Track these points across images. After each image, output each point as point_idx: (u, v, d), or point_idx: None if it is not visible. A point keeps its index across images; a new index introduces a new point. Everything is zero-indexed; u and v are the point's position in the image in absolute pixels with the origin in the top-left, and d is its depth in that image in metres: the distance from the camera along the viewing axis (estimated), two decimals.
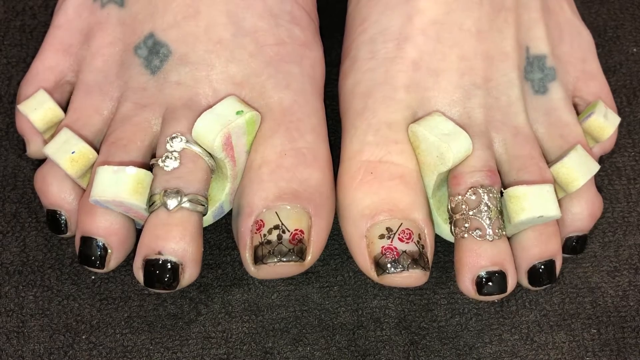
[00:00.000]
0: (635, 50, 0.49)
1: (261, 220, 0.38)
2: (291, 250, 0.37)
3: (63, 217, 0.40)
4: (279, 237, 0.37)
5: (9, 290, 0.41)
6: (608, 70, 0.48)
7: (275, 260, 0.37)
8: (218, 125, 0.38)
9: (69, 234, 0.41)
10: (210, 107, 0.39)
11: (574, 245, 0.41)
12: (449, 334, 0.41)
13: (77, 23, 0.43)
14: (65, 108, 0.42)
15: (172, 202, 0.37)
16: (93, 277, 0.41)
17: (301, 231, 0.38)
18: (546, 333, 0.41)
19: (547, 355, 0.40)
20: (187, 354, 0.40)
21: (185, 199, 0.37)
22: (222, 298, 0.41)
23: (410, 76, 0.40)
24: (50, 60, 0.42)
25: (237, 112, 0.38)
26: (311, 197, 0.38)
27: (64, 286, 0.41)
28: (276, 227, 0.37)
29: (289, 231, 0.37)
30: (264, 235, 0.37)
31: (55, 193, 0.40)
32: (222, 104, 0.39)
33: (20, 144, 0.45)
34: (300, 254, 0.38)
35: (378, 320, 0.41)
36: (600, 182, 0.45)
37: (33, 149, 0.42)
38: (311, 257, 0.38)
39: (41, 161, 0.43)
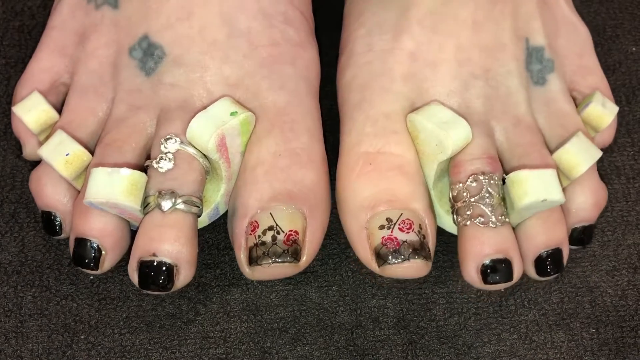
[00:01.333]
0: (634, 49, 0.49)
1: (256, 221, 0.38)
2: (286, 251, 0.37)
3: (58, 218, 0.40)
4: (274, 238, 0.37)
5: (7, 290, 0.41)
6: (607, 69, 0.48)
7: (270, 261, 0.37)
8: (212, 127, 0.38)
9: (63, 235, 0.41)
10: (204, 108, 0.39)
11: (580, 236, 0.41)
12: (447, 334, 0.41)
13: (72, 24, 0.43)
14: (60, 109, 0.42)
15: (166, 204, 0.37)
16: (91, 278, 0.41)
17: (296, 232, 0.38)
18: (545, 332, 0.41)
19: (546, 354, 0.40)
20: (185, 354, 0.40)
21: (179, 200, 0.37)
22: (220, 298, 0.41)
23: (408, 67, 0.40)
24: (46, 62, 0.42)
25: (232, 113, 0.38)
26: (306, 198, 0.38)
27: (62, 286, 0.41)
28: (270, 228, 0.37)
29: (283, 232, 0.37)
30: (259, 236, 0.37)
31: (50, 194, 0.40)
32: (216, 105, 0.39)
33: (18, 144, 0.45)
34: (295, 255, 0.37)
35: (377, 319, 0.41)
36: None
37: (29, 150, 0.42)
38: (306, 257, 0.38)
39: (39, 162, 0.43)
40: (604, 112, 0.41)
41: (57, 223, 0.40)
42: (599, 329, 0.41)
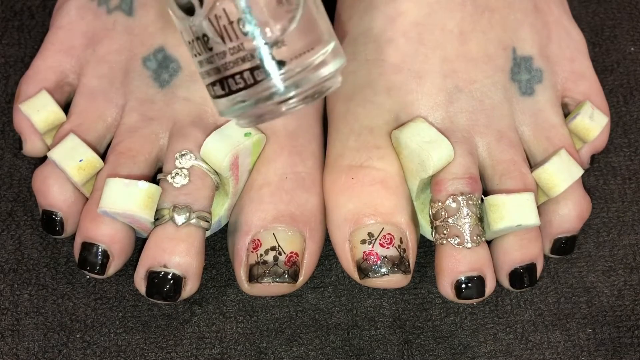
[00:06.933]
0: (632, 49, 0.48)
1: (258, 239, 0.39)
2: (285, 272, 0.38)
3: (59, 218, 0.40)
4: (275, 259, 0.38)
5: (4, 288, 0.41)
6: (605, 70, 0.48)
7: (270, 280, 0.38)
8: (227, 146, 0.38)
9: (64, 235, 0.41)
10: (218, 126, 0.40)
11: (562, 247, 0.41)
12: (443, 333, 0.41)
13: (80, 25, 0.43)
14: (63, 108, 0.42)
15: (180, 218, 0.38)
16: (88, 277, 0.42)
17: (296, 254, 0.39)
18: (541, 332, 0.41)
19: (542, 354, 0.40)
20: (181, 354, 0.40)
21: (193, 215, 0.38)
22: (216, 298, 0.41)
23: (391, 79, 0.40)
24: (52, 60, 0.42)
25: (245, 134, 0.39)
26: (307, 221, 0.39)
27: (59, 285, 0.41)
28: (273, 248, 0.38)
29: (284, 253, 0.38)
30: (260, 255, 0.38)
31: (56, 195, 0.40)
32: (231, 125, 0.39)
33: (16, 142, 0.45)
34: (294, 276, 0.38)
35: (372, 319, 0.41)
36: (596, 181, 0.44)
37: (29, 147, 0.42)
38: (303, 278, 0.39)
39: (37, 160, 0.44)
40: (591, 125, 0.42)
41: (58, 223, 0.40)
42: (596, 329, 0.41)
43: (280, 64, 0.32)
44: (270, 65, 0.32)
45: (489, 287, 0.39)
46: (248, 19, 0.32)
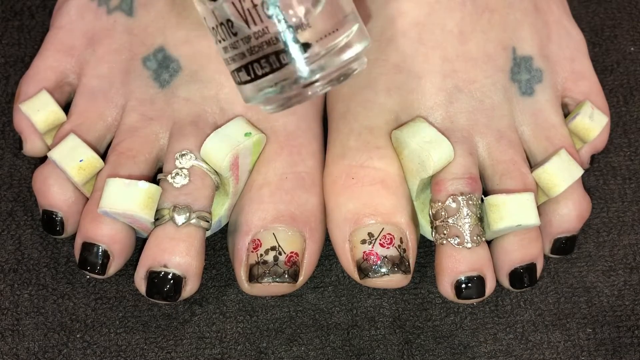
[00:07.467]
0: (632, 49, 0.48)
1: (258, 239, 0.39)
2: (285, 272, 0.38)
3: (59, 218, 0.40)
4: (275, 259, 0.38)
5: (4, 288, 0.41)
6: (605, 70, 0.48)
7: (270, 280, 0.38)
8: (227, 146, 0.38)
9: (64, 235, 0.41)
10: (218, 126, 0.40)
11: (562, 247, 0.41)
12: (443, 333, 0.41)
13: (80, 25, 0.43)
14: (63, 108, 0.42)
15: (180, 218, 0.38)
16: (88, 277, 0.42)
17: (296, 254, 0.39)
18: (541, 332, 0.41)
19: (542, 354, 0.40)
20: (181, 354, 0.40)
21: (193, 215, 0.38)
22: (216, 298, 0.41)
23: (392, 79, 0.40)
24: (52, 60, 0.43)
25: (246, 134, 0.39)
26: (307, 221, 0.39)
27: (59, 285, 0.41)
28: (273, 248, 0.38)
29: (284, 253, 0.38)
30: (261, 255, 0.38)
31: (56, 195, 0.40)
32: (231, 125, 0.39)
33: (16, 142, 0.45)
34: (294, 276, 0.38)
35: (372, 319, 0.41)
36: (596, 181, 0.44)
37: (29, 147, 0.42)
38: (303, 277, 0.39)
39: (37, 160, 0.44)
40: (591, 125, 0.42)
41: (58, 223, 0.40)
42: (596, 329, 0.41)
43: (305, 46, 0.32)
44: (294, 49, 0.32)
45: (489, 287, 0.39)
46: (271, 2, 0.31)
